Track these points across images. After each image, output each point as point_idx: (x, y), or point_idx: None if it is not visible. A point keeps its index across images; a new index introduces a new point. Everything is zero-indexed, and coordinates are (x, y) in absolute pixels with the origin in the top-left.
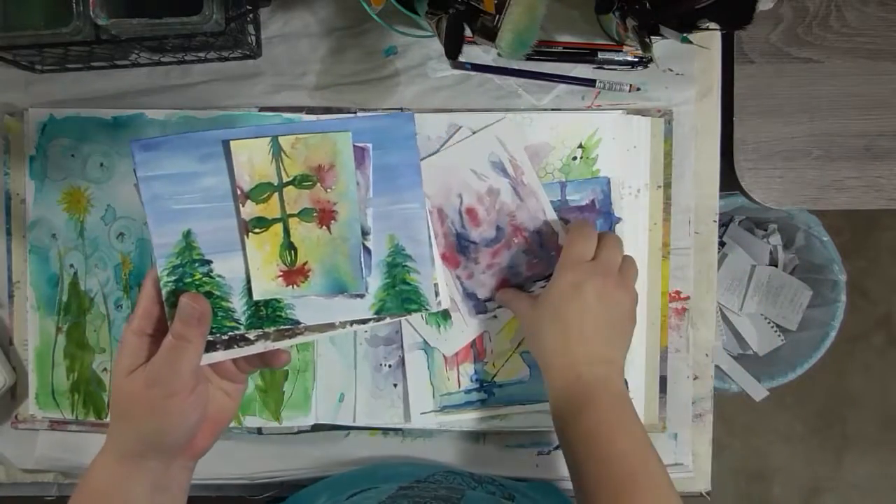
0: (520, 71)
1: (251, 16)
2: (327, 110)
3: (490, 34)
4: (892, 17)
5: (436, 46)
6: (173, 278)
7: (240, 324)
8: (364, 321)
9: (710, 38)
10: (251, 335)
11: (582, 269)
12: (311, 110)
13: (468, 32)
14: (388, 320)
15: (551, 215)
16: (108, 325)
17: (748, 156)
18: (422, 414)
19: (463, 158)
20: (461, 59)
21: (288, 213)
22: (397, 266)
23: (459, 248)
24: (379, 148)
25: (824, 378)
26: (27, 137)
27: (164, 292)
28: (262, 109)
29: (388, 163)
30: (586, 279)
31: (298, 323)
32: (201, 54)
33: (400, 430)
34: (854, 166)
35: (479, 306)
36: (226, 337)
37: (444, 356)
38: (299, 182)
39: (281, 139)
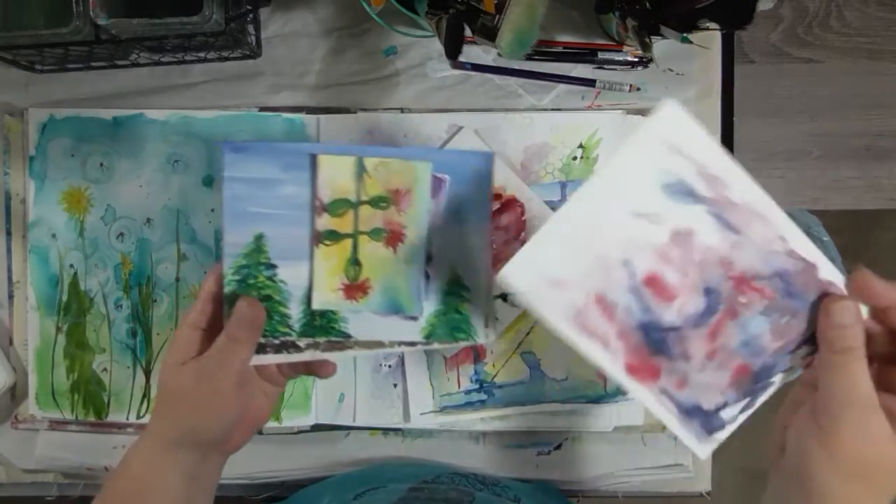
0: (520, 71)
1: (251, 16)
2: (327, 110)
3: (490, 34)
4: (892, 17)
5: (436, 46)
6: (237, 278)
7: (293, 330)
8: (412, 343)
9: (710, 38)
10: (302, 343)
11: None
12: (311, 110)
13: (468, 32)
14: (435, 345)
15: (802, 245)
16: (108, 325)
17: (748, 156)
18: (421, 414)
19: (610, 200)
20: (461, 59)
21: (360, 230)
22: (453, 294)
23: (652, 346)
24: (455, 181)
25: None
26: (27, 137)
27: (226, 290)
28: (262, 109)
29: (461, 196)
30: None
31: (350, 337)
32: (201, 54)
33: (400, 430)
34: (854, 166)
35: (712, 422)
36: (277, 341)
37: (443, 356)
38: (375, 202)
39: (366, 160)
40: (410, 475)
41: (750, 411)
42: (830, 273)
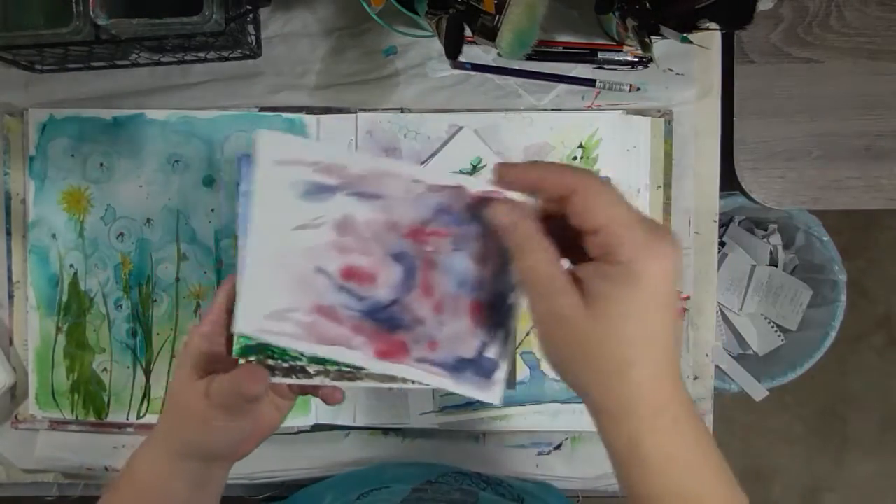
0: (520, 71)
1: (251, 16)
2: (327, 110)
3: (490, 34)
4: (892, 17)
5: (436, 46)
6: None
7: (303, 356)
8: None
9: (710, 38)
10: (311, 369)
11: (666, 245)
12: (310, 110)
13: (468, 32)
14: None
15: (436, 176)
16: (108, 325)
17: (748, 156)
18: (421, 414)
19: (271, 230)
20: (461, 59)
21: None
22: None
23: (386, 326)
24: None
25: (824, 378)
26: (27, 137)
27: None
28: (262, 109)
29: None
30: (674, 266)
31: (362, 369)
32: (201, 54)
33: (400, 430)
34: (854, 166)
35: (483, 365)
36: (286, 365)
37: None
38: None
39: None
40: (413, 475)
41: (512, 337)
42: (479, 184)
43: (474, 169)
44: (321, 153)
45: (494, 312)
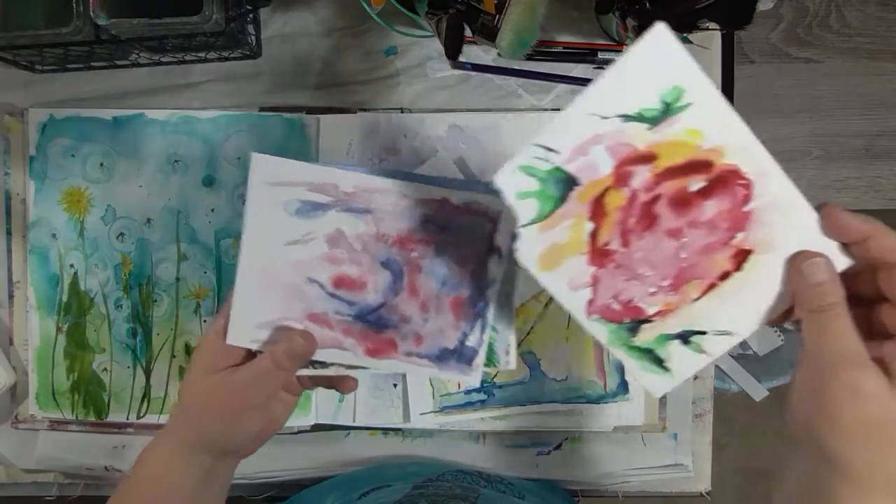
0: (520, 71)
1: (251, 16)
2: (327, 110)
3: (490, 34)
4: (892, 17)
5: (436, 46)
6: None
7: None
8: None
9: (710, 38)
10: (328, 361)
11: None
12: (311, 110)
13: (468, 32)
14: None
15: (422, 191)
16: (108, 325)
17: None
18: (421, 414)
19: (263, 246)
20: (461, 59)
21: None
22: None
23: (375, 326)
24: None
25: None
26: (27, 137)
27: None
28: (262, 109)
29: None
30: None
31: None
32: (201, 54)
33: (400, 430)
34: (854, 166)
35: (465, 353)
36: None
37: None
38: None
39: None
40: (414, 473)
41: (488, 328)
42: (463, 196)
43: (667, 108)
44: (313, 174)
45: (473, 306)
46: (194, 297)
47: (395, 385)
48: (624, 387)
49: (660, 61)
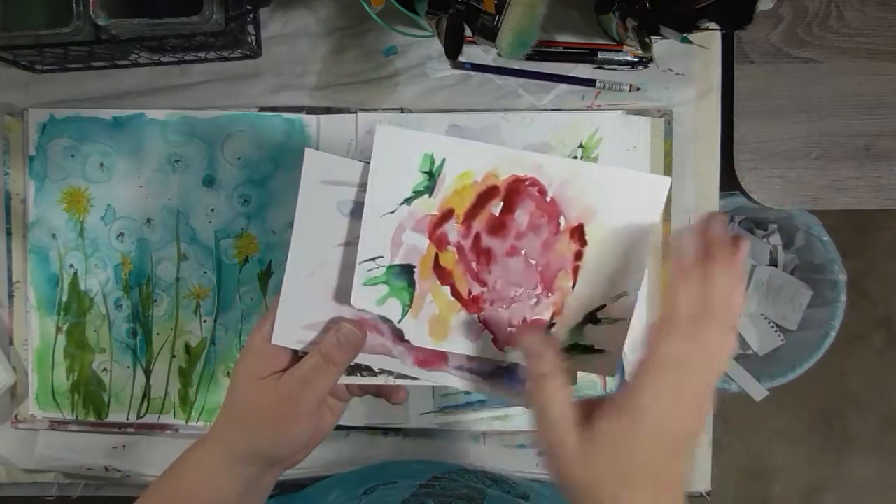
0: (520, 71)
1: (251, 16)
2: (327, 110)
3: (490, 34)
4: (892, 17)
5: (436, 46)
6: None
7: None
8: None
9: (710, 38)
10: (376, 368)
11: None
12: (311, 110)
13: (468, 32)
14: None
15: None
16: (108, 325)
17: (748, 156)
18: (421, 414)
19: (315, 246)
20: (461, 59)
21: None
22: None
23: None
24: None
25: (824, 378)
26: (27, 137)
27: None
28: (262, 109)
29: None
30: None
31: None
32: (201, 54)
33: (400, 430)
34: (854, 166)
35: (520, 374)
36: (350, 364)
37: None
38: None
39: None
40: (419, 471)
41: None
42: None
43: (431, 174)
44: (367, 173)
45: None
46: (194, 297)
47: None
48: None
49: (398, 149)
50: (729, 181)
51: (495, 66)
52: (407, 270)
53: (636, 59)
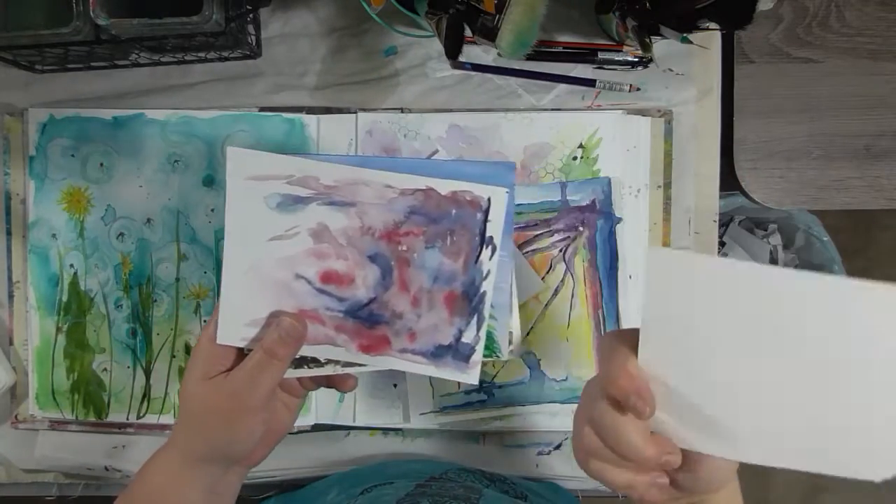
0: (520, 71)
1: (251, 16)
2: (327, 110)
3: (490, 34)
4: (892, 17)
5: (436, 46)
6: None
7: None
8: None
9: (710, 38)
10: (322, 359)
11: None
12: (311, 110)
13: (468, 32)
14: None
15: (407, 181)
16: (108, 325)
17: (748, 156)
18: (421, 414)
19: (246, 243)
20: (461, 59)
21: None
22: None
23: (367, 322)
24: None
25: None
26: (27, 137)
27: None
28: (262, 109)
29: None
30: None
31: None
32: (201, 54)
33: (400, 430)
34: (854, 166)
35: (461, 350)
36: (297, 356)
37: None
38: None
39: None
40: (417, 471)
41: (485, 324)
42: (449, 184)
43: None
44: (293, 166)
45: (468, 301)
46: (194, 297)
47: (394, 385)
48: None
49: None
50: (729, 181)
51: (495, 66)
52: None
53: (636, 59)
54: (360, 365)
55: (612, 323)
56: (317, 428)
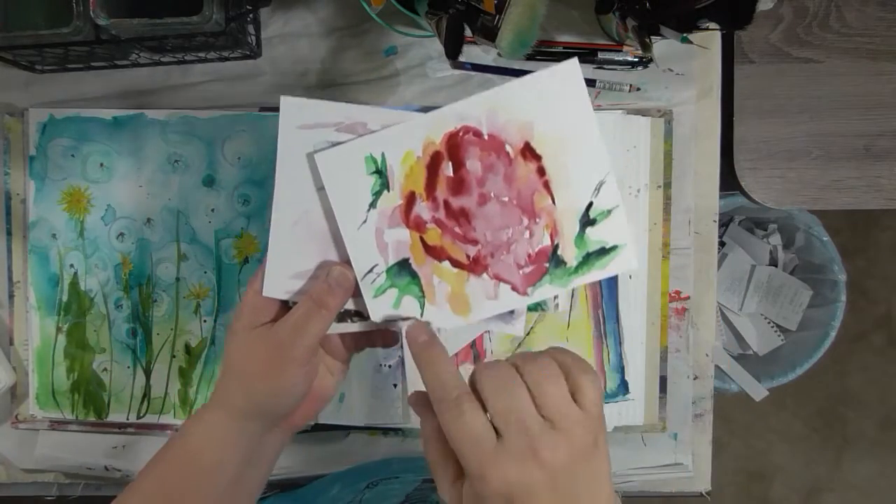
0: (520, 71)
1: (251, 16)
2: None
3: (490, 34)
4: (892, 17)
5: (436, 46)
6: None
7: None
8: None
9: (710, 38)
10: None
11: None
12: None
13: (468, 32)
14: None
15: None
16: (108, 325)
17: (748, 156)
18: None
19: (296, 194)
20: (461, 59)
21: None
22: None
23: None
24: None
25: (824, 378)
26: (27, 137)
27: None
28: (262, 109)
29: None
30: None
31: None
32: (201, 54)
33: (400, 430)
34: (854, 166)
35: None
36: (341, 309)
37: None
38: None
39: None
40: (421, 467)
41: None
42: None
43: (378, 171)
44: (342, 113)
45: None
46: (194, 297)
47: (394, 385)
48: (624, 387)
49: (342, 166)
50: (729, 181)
51: (495, 66)
52: (404, 265)
53: (636, 59)
54: (403, 319)
55: (613, 323)
56: (317, 428)
